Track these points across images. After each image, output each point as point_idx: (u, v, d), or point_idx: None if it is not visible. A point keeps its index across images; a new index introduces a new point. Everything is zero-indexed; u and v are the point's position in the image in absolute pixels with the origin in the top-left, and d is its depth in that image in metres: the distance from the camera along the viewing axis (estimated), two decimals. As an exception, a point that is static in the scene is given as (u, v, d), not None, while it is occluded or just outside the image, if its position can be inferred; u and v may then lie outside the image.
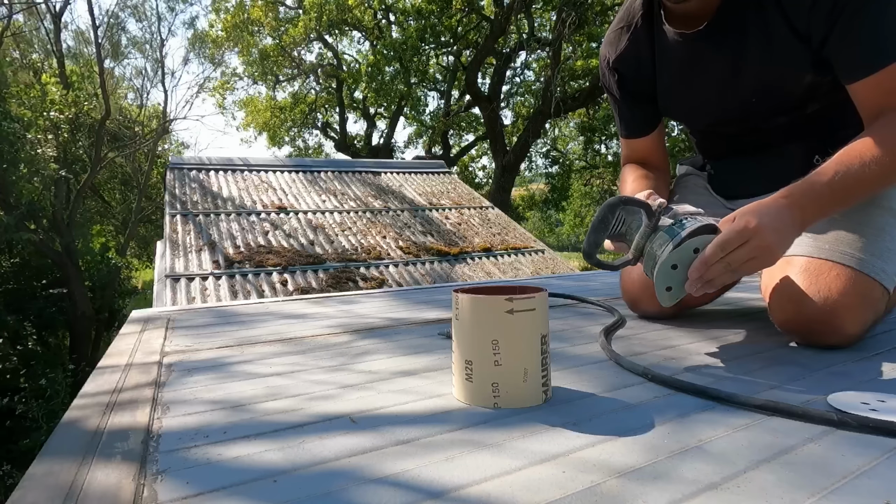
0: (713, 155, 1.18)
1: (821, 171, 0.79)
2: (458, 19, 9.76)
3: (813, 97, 0.95)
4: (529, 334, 0.63)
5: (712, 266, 0.75)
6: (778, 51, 0.89)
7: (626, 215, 0.84)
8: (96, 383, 0.77)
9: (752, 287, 1.52)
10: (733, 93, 0.98)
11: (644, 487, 0.46)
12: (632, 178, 1.10)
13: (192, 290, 3.04)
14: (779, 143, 1.03)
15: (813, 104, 0.97)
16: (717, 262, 0.75)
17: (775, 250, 0.76)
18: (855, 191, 0.80)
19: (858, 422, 0.56)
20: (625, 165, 1.18)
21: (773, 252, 0.76)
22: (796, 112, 0.98)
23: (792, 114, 0.98)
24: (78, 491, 0.47)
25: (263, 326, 1.14)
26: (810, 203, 0.78)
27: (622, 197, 0.83)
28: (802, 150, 1.01)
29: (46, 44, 10.34)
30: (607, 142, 11.03)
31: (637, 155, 1.17)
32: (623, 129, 1.17)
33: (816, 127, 0.99)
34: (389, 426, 0.60)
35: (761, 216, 0.75)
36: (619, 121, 1.17)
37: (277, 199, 4.37)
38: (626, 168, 1.16)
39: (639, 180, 1.09)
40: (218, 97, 12.47)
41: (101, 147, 9.01)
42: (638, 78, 1.08)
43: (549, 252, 4.39)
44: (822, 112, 0.97)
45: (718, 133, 1.12)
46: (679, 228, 0.78)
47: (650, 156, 1.17)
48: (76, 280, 7.87)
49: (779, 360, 0.82)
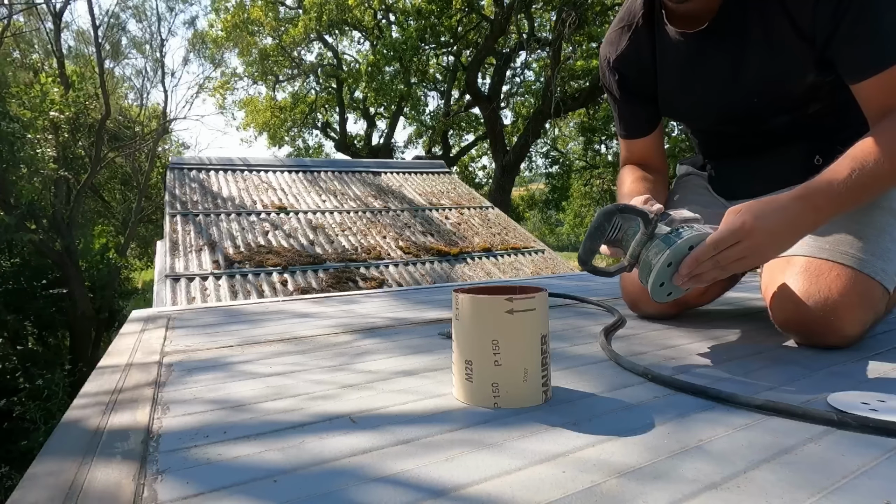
0: (714, 155, 1.18)
1: (836, 170, 0.79)
2: (458, 19, 9.75)
3: (814, 97, 0.95)
4: (529, 334, 0.63)
5: (702, 263, 0.76)
6: (780, 50, 0.89)
7: (623, 222, 0.84)
8: (96, 383, 0.77)
9: (752, 287, 1.52)
10: (735, 92, 0.98)
11: (644, 487, 0.46)
12: (630, 180, 1.10)
13: (192, 290, 3.04)
14: (780, 143, 1.03)
15: (814, 104, 0.97)
16: (708, 259, 0.76)
17: (766, 252, 0.77)
18: (870, 189, 0.80)
19: (858, 422, 0.56)
20: (623, 166, 1.18)
21: (764, 254, 0.77)
22: (797, 112, 0.98)
23: (793, 113, 0.98)
24: (78, 491, 0.47)
25: (263, 326, 1.13)
26: (827, 203, 0.78)
27: (619, 204, 0.83)
28: (804, 151, 1.01)
29: (46, 44, 10.34)
30: (607, 142, 11.04)
31: (636, 156, 1.17)
32: (622, 129, 1.17)
33: (818, 127, 0.99)
34: (389, 426, 0.60)
35: (758, 217, 0.75)
36: (619, 121, 1.17)
37: (277, 199, 4.37)
38: (624, 169, 1.16)
39: (637, 182, 1.08)
40: (218, 97, 12.47)
41: (101, 147, 9.01)
42: (638, 78, 1.08)
43: (549, 252, 4.38)
44: (823, 112, 0.97)
45: (719, 133, 1.12)
46: (675, 237, 0.78)
47: (649, 157, 1.17)
48: (76, 280, 7.87)
49: (779, 360, 0.82)
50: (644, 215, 0.80)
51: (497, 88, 10.20)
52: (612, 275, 0.88)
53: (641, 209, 0.81)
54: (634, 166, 1.15)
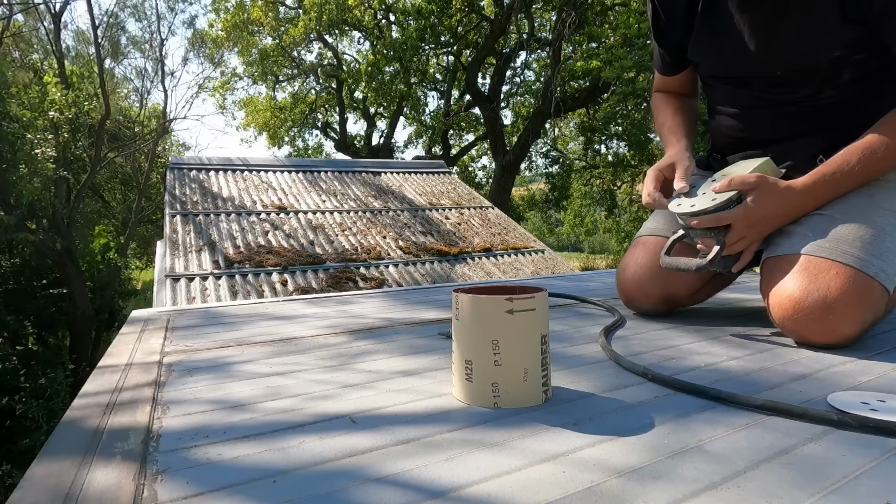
0: (723, 141, 1.16)
1: (846, 158, 0.90)
2: (458, 19, 9.75)
3: (834, 77, 0.94)
4: (529, 334, 0.63)
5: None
6: (819, 9, 0.89)
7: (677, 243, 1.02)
8: (96, 383, 0.77)
9: (752, 287, 1.52)
10: (768, 44, 0.97)
11: (644, 487, 0.46)
12: (670, 113, 1.16)
13: (192, 290, 3.04)
14: (787, 133, 1.03)
15: (830, 90, 0.96)
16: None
17: (763, 232, 0.95)
18: (872, 176, 0.91)
19: (858, 422, 0.56)
20: (657, 93, 1.23)
21: (761, 233, 0.95)
22: (815, 91, 0.97)
23: (811, 88, 0.97)
24: (78, 491, 0.47)
25: (263, 326, 1.13)
26: (830, 193, 0.92)
27: (666, 253, 1.01)
28: (807, 148, 1.00)
29: (46, 44, 10.33)
30: (607, 142, 11.03)
31: (669, 86, 1.22)
32: (660, 65, 1.19)
33: (826, 121, 0.99)
34: (389, 426, 0.60)
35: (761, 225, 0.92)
36: (657, 57, 1.20)
37: (277, 199, 4.37)
38: (660, 98, 1.21)
39: (676, 116, 1.15)
40: (218, 97, 12.48)
41: (101, 147, 9.00)
42: (679, 16, 1.08)
43: (549, 252, 4.39)
44: (835, 104, 0.97)
45: (736, 97, 1.10)
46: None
47: (682, 88, 1.21)
48: (76, 280, 7.86)
49: (779, 360, 0.82)
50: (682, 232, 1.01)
51: (497, 88, 10.21)
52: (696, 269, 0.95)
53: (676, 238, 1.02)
54: (669, 96, 1.21)
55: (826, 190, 0.92)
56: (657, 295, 1.10)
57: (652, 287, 1.09)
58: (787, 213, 0.93)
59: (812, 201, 0.92)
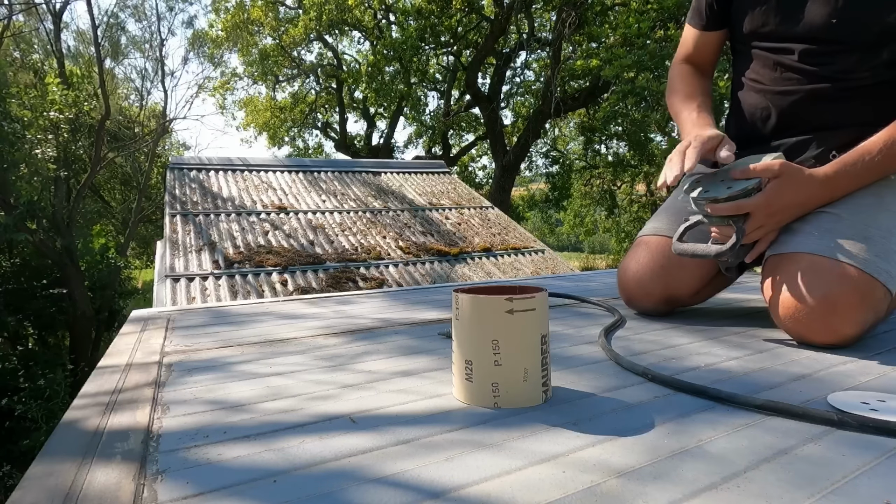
0: (741, 129, 1.13)
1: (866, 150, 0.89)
2: (458, 19, 9.75)
3: (876, 48, 0.91)
4: (529, 334, 0.63)
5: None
6: None
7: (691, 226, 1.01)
8: (96, 383, 0.77)
9: (752, 287, 1.52)
10: (819, 6, 0.94)
11: (644, 487, 0.46)
12: (700, 89, 1.13)
13: (192, 290, 3.04)
14: (811, 120, 1.00)
15: (864, 70, 0.93)
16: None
17: (781, 222, 0.94)
18: (891, 171, 0.92)
19: (858, 422, 0.56)
20: (678, 64, 1.20)
21: (779, 223, 0.94)
22: (851, 66, 0.94)
23: (849, 61, 0.94)
24: (78, 491, 0.47)
25: (263, 326, 1.13)
26: (850, 185, 0.92)
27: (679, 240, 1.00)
28: (825, 142, 0.98)
29: (46, 44, 10.34)
30: (607, 142, 11.02)
31: (694, 53, 1.18)
32: (695, 17, 1.15)
33: (852, 110, 0.96)
34: (389, 426, 0.60)
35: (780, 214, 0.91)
36: (698, 9, 1.15)
37: (277, 200, 4.37)
38: (680, 68, 1.19)
39: (704, 96, 1.12)
40: (218, 97, 12.47)
41: (101, 147, 9.00)
42: None
43: (549, 252, 4.38)
44: (865, 87, 0.94)
45: (769, 68, 1.05)
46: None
47: (706, 56, 1.18)
48: (76, 280, 7.86)
49: (779, 360, 0.82)
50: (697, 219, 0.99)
51: (497, 88, 10.20)
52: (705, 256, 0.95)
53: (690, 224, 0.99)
54: (691, 68, 1.18)
55: (847, 181, 0.90)
56: (658, 295, 1.10)
57: (653, 287, 1.09)
58: (807, 203, 0.92)
59: (831, 192, 0.91)
